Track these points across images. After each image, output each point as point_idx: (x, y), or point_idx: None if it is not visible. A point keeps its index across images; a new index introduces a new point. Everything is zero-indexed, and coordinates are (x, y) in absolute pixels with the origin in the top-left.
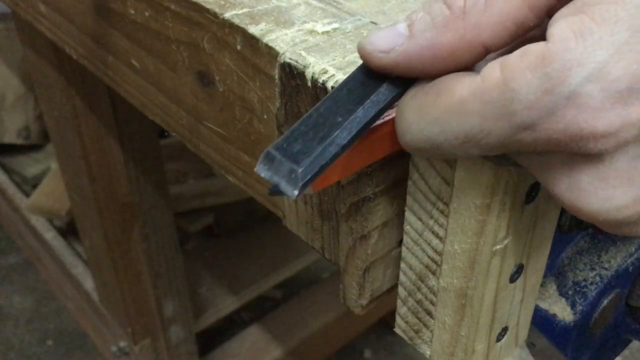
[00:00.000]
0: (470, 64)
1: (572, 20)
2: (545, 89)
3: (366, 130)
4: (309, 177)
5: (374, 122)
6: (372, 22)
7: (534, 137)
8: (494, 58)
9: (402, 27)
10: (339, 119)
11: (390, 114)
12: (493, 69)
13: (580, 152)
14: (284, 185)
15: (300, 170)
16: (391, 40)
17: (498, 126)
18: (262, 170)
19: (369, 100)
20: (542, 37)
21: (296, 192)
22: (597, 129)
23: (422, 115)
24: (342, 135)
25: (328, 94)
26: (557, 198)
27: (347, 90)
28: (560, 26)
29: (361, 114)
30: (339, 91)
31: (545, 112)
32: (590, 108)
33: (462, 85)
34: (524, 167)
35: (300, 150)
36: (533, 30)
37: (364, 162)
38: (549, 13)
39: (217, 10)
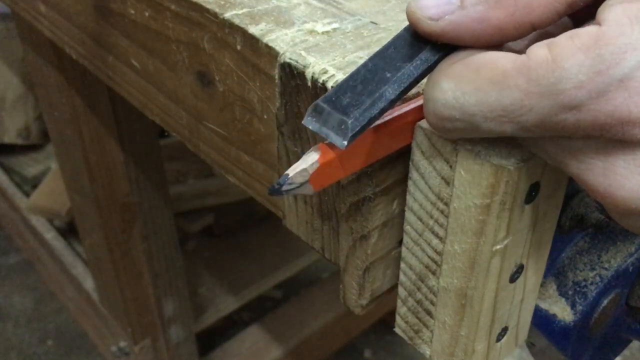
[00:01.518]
0: (516, 39)
1: (628, 7)
2: (598, 70)
3: (414, 86)
4: (358, 128)
5: (421, 80)
6: (372, 22)
7: (577, 118)
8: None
9: None
10: (387, 75)
11: (391, 113)
12: (540, 48)
13: (622, 138)
14: (333, 137)
15: (350, 121)
16: (442, 8)
17: (541, 103)
18: (310, 123)
19: (416, 58)
20: (557, 32)
21: (345, 143)
22: None
23: (461, 84)
24: (390, 90)
25: (376, 51)
26: (589, 185)
27: (395, 48)
28: (615, 11)
29: (409, 71)
30: (387, 49)
31: (595, 93)
32: None
33: (506, 60)
34: (545, 155)
35: (349, 102)
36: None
37: (364, 162)
38: None
39: (217, 10)
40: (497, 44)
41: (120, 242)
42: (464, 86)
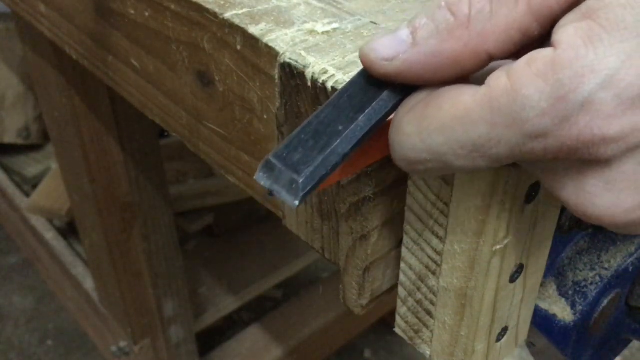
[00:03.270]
0: (473, 72)
1: (579, 26)
2: (559, 96)
3: (367, 138)
4: (310, 187)
5: (375, 130)
6: (372, 22)
7: (545, 145)
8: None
9: (404, 34)
10: (340, 127)
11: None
12: (499, 77)
13: (589, 158)
14: (285, 195)
15: (301, 180)
16: (394, 47)
17: (509, 134)
18: (261, 179)
19: (370, 108)
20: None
21: (297, 202)
22: (609, 134)
23: (424, 126)
24: (343, 145)
25: (328, 101)
26: (564, 202)
27: (348, 97)
28: (567, 32)
29: (362, 123)
30: (339, 98)
31: (558, 119)
32: (604, 114)
33: (467, 95)
34: (526, 169)
35: (300, 159)
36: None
37: (364, 163)
38: (553, 23)
39: (217, 10)
40: (455, 77)
41: (120, 242)
42: (428, 126)
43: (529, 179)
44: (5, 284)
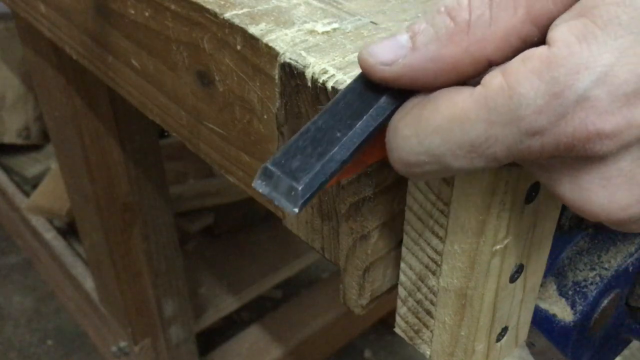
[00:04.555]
0: (472, 78)
1: (573, 24)
2: (554, 92)
3: (366, 144)
4: (309, 194)
5: (374, 135)
6: (372, 22)
7: (541, 143)
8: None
9: (404, 38)
10: (338, 134)
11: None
12: (494, 76)
13: (585, 155)
14: (284, 203)
15: (300, 188)
16: (394, 52)
17: (505, 132)
18: (260, 187)
19: (368, 114)
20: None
21: (296, 210)
22: (604, 131)
23: (422, 127)
24: (341, 152)
25: (325, 107)
26: (560, 198)
27: (345, 103)
28: (562, 30)
29: (360, 129)
30: (337, 104)
31: (554, 116)
32: (598, 110)
33: (463, 96)
34: (524, 167)
35: (299, 166)
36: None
37: (366, 163)
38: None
39: (217, 10)
40: (454, 82)
41: (120, 242)
42: (425, 128)
43: (529, 179)
44: (5, 284)
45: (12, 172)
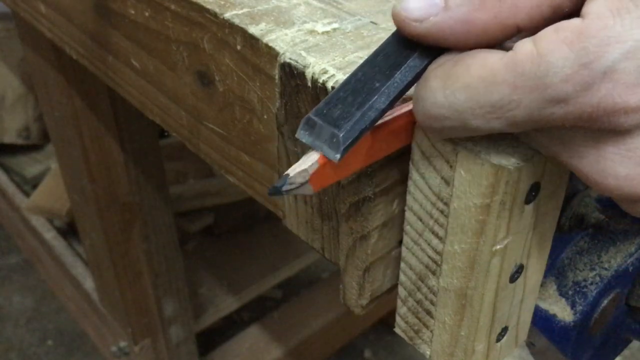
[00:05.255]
0: (501, 42)
1: None
2: (583, 63)
3: (403, 94)
4: (350, 140)
5: (410, 87)
6: (372, 22)
7: (565, 111)
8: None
9: None
10: (377, 84)
11: (391, 113)
12: (526, 43)
13: (609, 127)
14: (326, 149)
15: (341, 134)
16: (426, 9)
17: (529, 98)
18: (303, 136)
19: (405, 66)
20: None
21: (338, 156)
22: (630, 104)
23: (450, 83)
24: (380, 100)
25: (365, 60)
26: (581, 172)
27: (384, 56)
28: (598, 4)
29: (398, 79)
30: (375, 57)
31: (581, 85)
32: (625, 84)
33: (493, 58)
34: (536, 144)
35: (340, 115)
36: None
37: (364, 162)
38: (584, 0)
39: (217, 10)
40: (483, 45)
41: (120, 242)
42: (453, 84)
43: (529, 179)
44: (5, 284)
45: (12, 172)
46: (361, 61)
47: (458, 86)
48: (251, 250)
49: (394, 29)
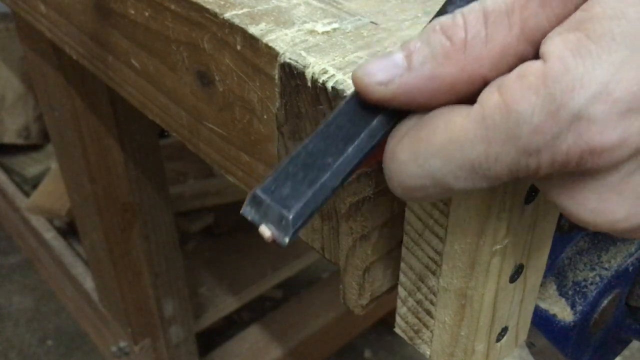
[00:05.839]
0: (469, 97)
1: (568, 37)
2: (550, 110)
3: (358, 169)
4: (300, 223)
5: (366, 159)
6: (372, 22)
7: (538, 162)
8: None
9: (399, 57)
10: (329, 160)
11: None
12: (490, 94)
13: (580, 170)
14: (274, 230)
15: (291, 217)
16: (389, 71)
17: (504, 151)
18: (249, 214)
19: (360, 138)
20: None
21: (287, 240)
22: (598, 147)
23: (420, 151)
24: (332, 179)
25: (316, 130)
26: (561, 210)
27: (337, 126)
28: (556, 44)
29: (352, 154)
30: (329, 126)
31: (550, 135)
32: (593, 128)
33: (460, 115)
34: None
35: (289, 194)
36: None
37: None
38: None
39: (217, 10)
40: (450, 102)
41: (120, 242)
42: (425, 151)
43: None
44: (5, 284)
45: (12, 172)
46: (361, 61)
47: (430, 153)
48: (251, 250)
49: (394, 29)
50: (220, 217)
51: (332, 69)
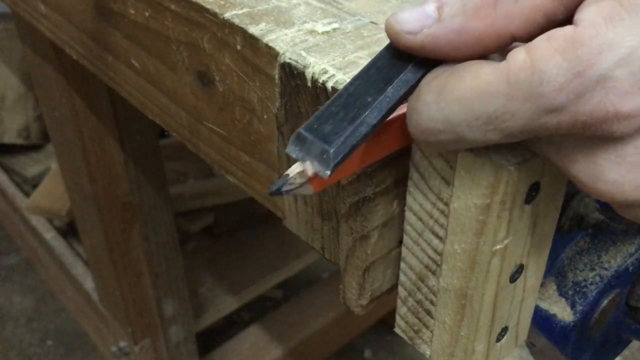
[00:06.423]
0: (495, 52)
1: (602, 5)
2: (576, 71)
3: (395, 109)
4: (340, 157)
5: (403, 101)
6: (372, 22)
7: (558, 120)
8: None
9: (430, 9)
10: (369, 99)
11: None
12: (518, 53)
13: (601, 134)
14: (317, 165)
15: (332, 150)
16: (420, 21)
17: (524, 108)
18: (293, 152)
19: (397, 80)
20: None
21: (328, 172)
22: (622, 111)
23: (444, 95)
24: (372, 115)
25: (357, 73)
26: (573, 177)
27: (376, 69)
28: (590, 11)
29: (390, 94)
30: (368, 70)
31: (574, 95)
32: (618, 91)
33: (487, 69)
34: (533, 148)
35: (331, 130)
36: None
37: (365, 163)
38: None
39: (217, 10)
40: (478, 55)
41: (120, 242)
42: (447, 97)
43: (529, 179)
44: (5, 284)
45: (12, 172)
46: (361, 62)
47: (452, 99)
48: (251, 250)
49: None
50: (220, 217)
51: (332, 69)
